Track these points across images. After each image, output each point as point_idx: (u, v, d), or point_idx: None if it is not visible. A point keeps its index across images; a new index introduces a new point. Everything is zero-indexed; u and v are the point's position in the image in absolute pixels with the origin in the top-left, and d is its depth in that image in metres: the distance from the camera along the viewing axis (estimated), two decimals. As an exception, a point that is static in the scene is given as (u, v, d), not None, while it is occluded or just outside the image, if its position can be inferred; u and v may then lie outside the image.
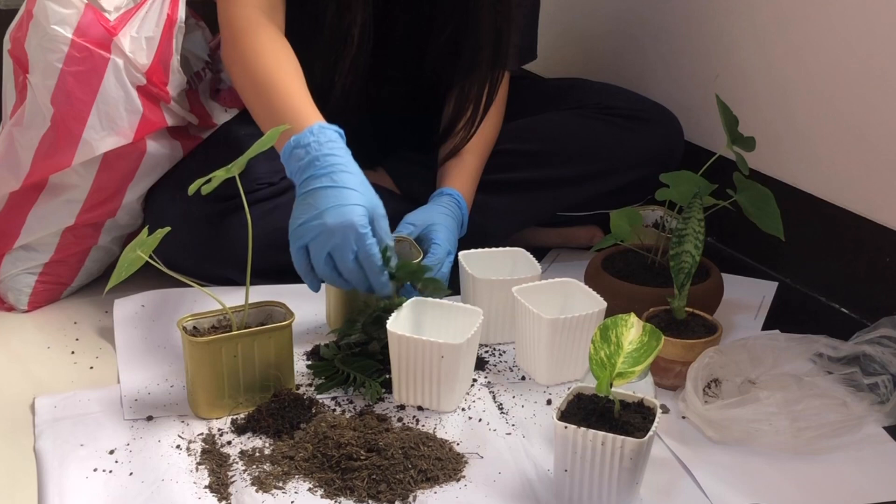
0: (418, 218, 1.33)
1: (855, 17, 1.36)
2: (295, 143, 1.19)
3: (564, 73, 1.86)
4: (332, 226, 1.14)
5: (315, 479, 0.99)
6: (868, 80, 1.35)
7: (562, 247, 1.61)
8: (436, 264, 1.26)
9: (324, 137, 1.20)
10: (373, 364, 1.17)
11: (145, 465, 1.02)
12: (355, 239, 1.14)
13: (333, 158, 1.19)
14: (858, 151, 1.38)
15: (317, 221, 1.15)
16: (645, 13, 1.80)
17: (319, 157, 1.19)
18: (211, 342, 1.07)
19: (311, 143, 1.19)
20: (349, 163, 1.19)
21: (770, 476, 1.04)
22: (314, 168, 1.18)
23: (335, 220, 1.14)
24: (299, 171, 1.19)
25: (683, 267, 1.19)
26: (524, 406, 1.15)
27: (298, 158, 1.19)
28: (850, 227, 1.39)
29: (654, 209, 1.57)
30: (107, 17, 1.26)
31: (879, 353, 1.19)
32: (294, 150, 1.19)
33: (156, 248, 1.04)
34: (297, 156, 1.19)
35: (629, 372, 0.95)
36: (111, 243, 1.41)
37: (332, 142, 1.20)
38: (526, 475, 1.02)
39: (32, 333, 1.31)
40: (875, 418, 1.13)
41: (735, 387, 1.16)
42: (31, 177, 1.29)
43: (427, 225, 1.31)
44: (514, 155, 1.51)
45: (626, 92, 1.63)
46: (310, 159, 1.18)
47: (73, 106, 1.25)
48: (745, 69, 1.56)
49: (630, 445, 0.92)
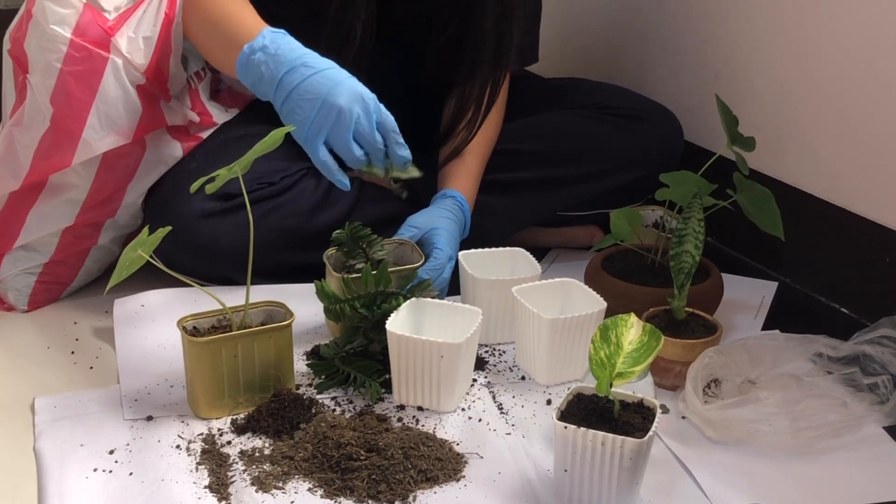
0: (421, 221, 1.33)
1: (855, 17, 1.36)
2: (249, 50, 1.18)
3: (564, 73, 1.86)
4: (345, 104, 1.13)
5: (315, 479, 0.99)
6: (868, 79, 1.35)
7: (562, 247, 1.61)
8: (437, 269, 1.26)
9: (277, 38, 1.18)
10: (373, 364, 1.17)
11: (145, 465, 1.02)
12: (373, 105, 1.15)
13: (297, 51, 1.17)
14: (858, 151, 1.38)
15: (326, 107, 1.13)
16: (645, 13, 1.80)
17: (282, 53, 1.17)
18: (211, 342, 1.07)
19: (268, 45, 1.18)
20: (313, 52, 1.18)
21: (770, 476, 1.04)
22: (284, 64, 1.16)
23: (345, 97, 1.14)
24: (266, 74, 1.17)
25: (683, 267, 1.19)
26: (524, 406, 1.15)
27: (258, 64, 1.17)
28: (850, 227, 1.39)
29: (654, 209, 1.57)
30: (105, 16, 1.26)
31: (879, 353, 1.19)
32: (250, 56, 1.18)
33: (156, 247, 1.04)
34: (255, 62, 1.17)
35: (629, 372, 0.95)
36: (111, 243, 1.41)
37: (287, 38, 1.19)
38: (526, 475, 1.02)
39: (32, 333, 1.31)
40: (875, 418, 1.13)
41: (735, 387, 1.16)
42: (30, 177, 1.29)
43: (429, 229, 1.31)
44: (514, 155, 1.51)
45: (626, 92, 1.63)
46: (272, 59, 1.16)
47: (73, 106, 1.25)
48: (745, 69, 1.56)
49: (630, 445, 0.92)
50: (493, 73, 1.44)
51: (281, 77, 1.16)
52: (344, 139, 1.15)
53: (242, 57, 1.18)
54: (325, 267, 1.26)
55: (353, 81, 1.16)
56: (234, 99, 1.48)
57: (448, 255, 1.29)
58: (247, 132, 1.39)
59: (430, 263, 1.26)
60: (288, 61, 1.17)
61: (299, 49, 1.20)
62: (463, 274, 1.28)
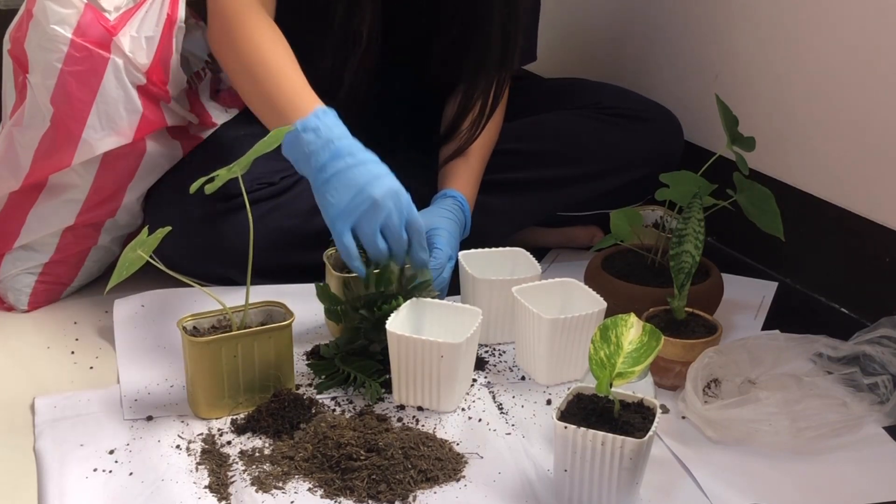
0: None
1: (855, 18, 1.36)
2: (302, 128, 1.18)
3: (564, 73, 1.86)
4: (379, 197, 1.14)
5: (315, 479, 0.99)
6: (868, 79, 1.35)
7: (562, 247, 1.61)
8: (437, 269, 1.26)
9: (330, 121, 1.19)
10: (373, 364, 1.17)
11: (145, 465, 1.02)
12: (405, 204, 1.16)
13: (345, 141, 1.19)
14: (858, 151, 1.38)
15: (362, 196, 1.14)
16: (645, 13, 1.80)
17: (333, 139, 1.18)
18: (211, 342, 1.07)
19: (320, 127, 1.19)
20: (359, 143, 1.20)
21: (770, 476, 1.04)
22: (331, 150, 1.17)
23: (382, 192, 1.15)
24: (311, 155, 1.18)
25: (683, 267, 1.19)
26: (524, 406, 1.15)
27: (308, 143, 1.18)
28: (850, 227, 1.39)
29: (654, 209, 1.57)
30: (106, 16, 1.26)
31: (879, 353, 1.19)
32: (301, 134, 1.18)
33: (156, 248, 1.04)
34: (305, 140, 1.18)
35: (629, 372, 0.95)
36: (111, 243, 1.41)
37: (338, 123, 1.20)
38: (526, 475, 1.02)
39: (32, 333, 1.31)
40: (875, 418, 1.13)
41: (735, 387, 1.16)
42: (30, 177, 1.29)
43: (430, 229, 1.31)
44: (514, 155, 1.51)
45: (626, 92, 1.63)
46: (322, 142, 1.17)
47: (73, 106, 1.25)
48: (745, 69, 1.56)
49: (630, 445, 0.92)
50: (498, 73, 1.43)
51: (325, 162, 1.18)
52: (371, 229, 1.16)
53: (293, 134, 1.19)
54: (325, 267, 1.26)
55: (391, 178, 1.18)
56: (234, 99, 1.48)
57: (448, 255, 1.29)
58: (247, 132, 1.39)
59: (430, 263, 1.26)
60: (335, 149, 1.18)
61: (348, 138, 1.20)
62: (463, 274, 1.28)
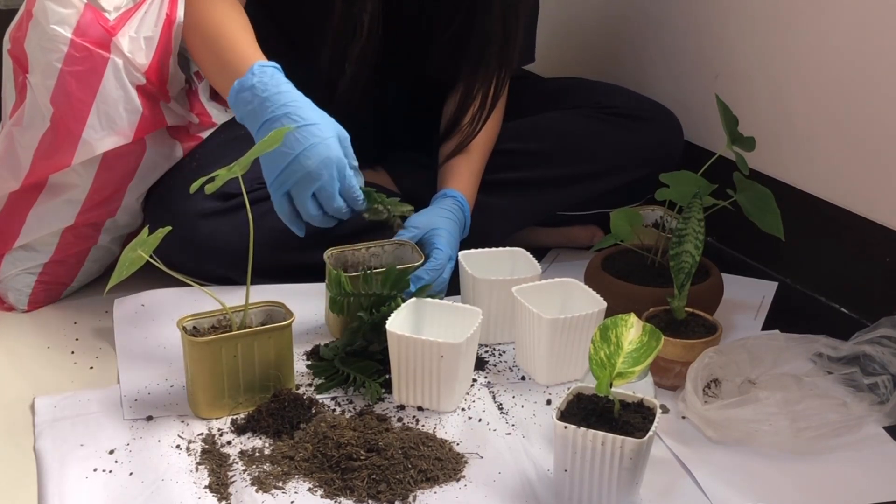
0: (420, 221, 1.32)
1: (855, 18, 1.36)
2: (239, 87, 1.19)
3: (564, 73, 1.86)
4: (312, 167, 1.15)
5: (315, 479, 0.99)
6: (868, 79, 1.35)
7: (562, 247, 1.61)
8: (437, 269, 1.26)
9: (266, 76, 1.19)
10: (373, 364, 1.17)
11: (145, 465, 1.02)
12: (338, 174, 1.16)
13: (283, 97, 1.18)
14: (858, 151, 1.38)
15: (295, 165, 1.15)
16: (645, 13, 1.80)
17: (269, 97, 1.18)
18: (211, 342, 1.07)
19: (256, 85, 1.19)
20: (299, 96, 1.19)
21: (770, 476, 1.04)
22: (267, 111, 1.17)
23: (315, 161, 1.15)
24: (251, 115, 1.18)
25: (683, 267, 1.19)
26: (524, 406, 1.15)
27: (246, 102, 1.18)
28: (850, 227, 1.39)
29: (654, 209, 1.57)
30: (106, 16, 1.26)
31: (879, 353, 1.19)
32: (239, 94, 1.19)
33: (156, 248, 1.04)
34: (243, 100, 1.19)
35: (629, 372, 0.95)
36: (111, 243, 1.41)
37: (276, 78, 1.20)
38: (526, 475, 1.02)
39: (32, 333, 1.31)
40: (875, 418, 1.13)
41: (735, 387, 1.16)
42: (30, 177, 1.29)
43: (430, 229, 1.31)
44: (514, 155, 1.51)
45: (626, 91, 1.63)
46: (258, 102, 1.18)
47: (73, 106, 1.25)
48: (745, 69, 1.56)
49: (630, 445, 0.92)
50: (498, 67, 1.43)
51: (262, 122, 1.19)
52: (302, 198, 1.18)
53: (232, 92, 1.21)
54: (326, 266, 1.26)
55: (330, 143, 1.17)
56: (234, 99, 1.48)
57: (448, 256, 1.29)
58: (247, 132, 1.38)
59: (429, 264, 1.26)
60: (272, 107, 1.18)
61: (287, 94, 1.19)
62: (463, 274, 1.28)
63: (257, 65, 1.21)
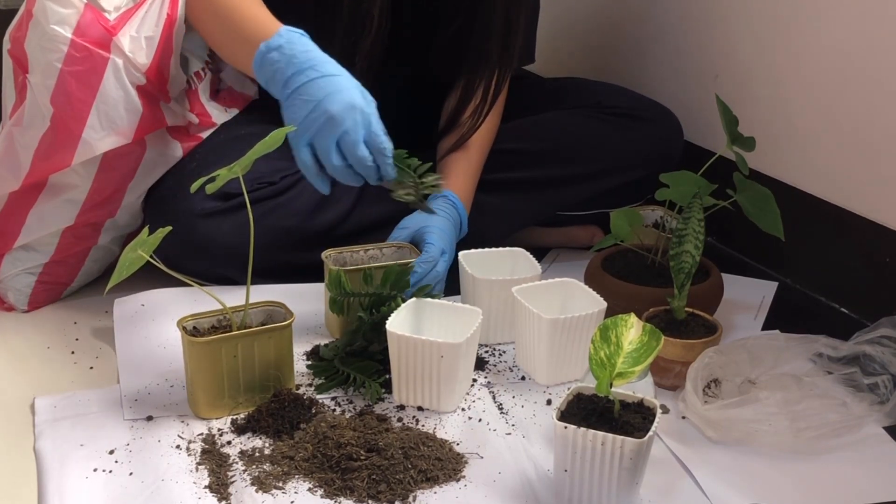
0: (412, 221, 1.33)
1: (855, 18, 1.36)
2: (266, 49, 1.19)
3: (564, 73, 1.86)
4: (336, 112, 1.14)
5: (315, 479, 0.99)
6: (868, 80, 1.35)
7: (562, 247, 1.61)
8: (429, 261, 1.26)
9: (294, 38, 1.20)
10: (373, 364, 1.17)
11: (145, 465, 1.02)
12: (363, 120, 1.15)
13: (310, 54, 1.18)
14: (858, 151, 1.38)
15: (318, 111, 1.14)
16: (645, 13, 1.80)
17: (296, 54, 1.18)
18: (211, 342, 1.07)
19: (283, 45, 1.19)
20: (326, 57, 1.20)
21: (770, 476, 1.04)
22: (294, 66, 1.17)
23: (339, 106, 1.14)
24: (278, 73, 1.18)
25: (683, 267, 1.19)
26: (524, 406, 1.15)
27: (272, 62, 1.19)
28: (850, 226, 1.39)
29: (654, 209, 1.57)
30: (106, 16, 1.26)
31: (879, 353, 1.19)
32: (266, 55, 1.19)
33: (156, 248, 1.04)
34: (270, 60, 1.19)
35: (629, 372, 0.95)
36: (111, 243, 1.41)
37: (303, 40, 1.20)
38: (526, 475, 1.02)
39: (32, 333, 1.31)
40: (875, 418, 1.13)
41: (735, 387, 1.16)
42: (30, 177, 1.29)
43: (420, 227, 1.31)
44: (514, 154, 1.51)
45: (626, 91, 1.63)
46: (286, 59, 1.18)
47: (73, 106, 1.25)
48: (745, 69, 1.56)
49: (630, 445, 0.92)
50: (499, 62, 1.43)
51: (288, 77, 1.18)
52: (325, 145, 1.16)
53: (259, 55, 1.20)
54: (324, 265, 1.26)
55: (354, 92, 1.17)
56: (233, 99, 1.48)
57: (439, 249, 1.28)
58: (247, 132, 1.39)
59: (421, 258, 1.26)
60: (299, 62, 1.18)
61: (314, 52, 1.21)
62: (463, 274, 1.28)
63: (284, 28, 1.22)
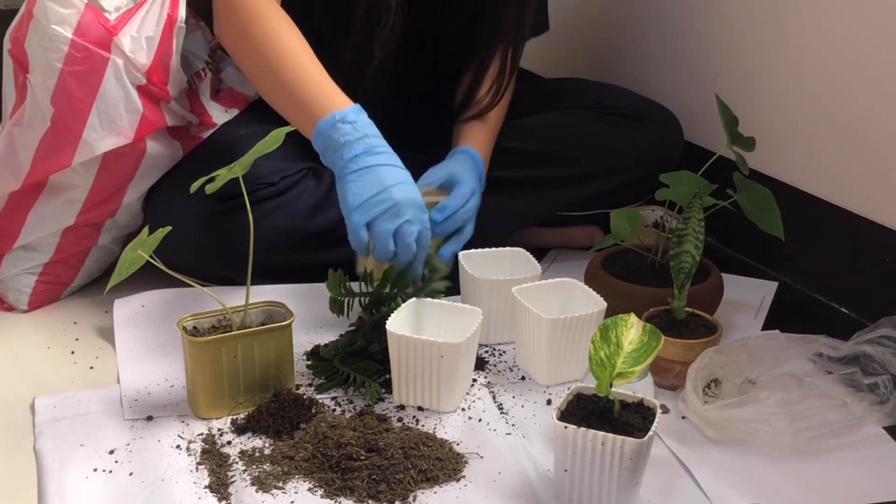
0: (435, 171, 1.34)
1: (855, 18, 1.36)
2: (341, 118, 1.20)
3: (564, 73, 1.86)
4: (402, 202, 1.17)
5: (315, 479, 0.99)
6: (868, 80, 1.35)
7: (562, 247, 1.61)
8: (462, 196, 1.28)
9: (366, 119, 1.22)
10: (373, 364, 1.17)
11: (145, 465, 1.02)
12: (425, 220, 1.19)
13: (382, 141, 1.21)
14: (858, 151, 1.38)
15: (386, 195, 1.17)
16: (645, 13, 1.80)
17: (369, 135, 1.20)
18: (211, 342, 1.07)
19: (358, 122, 1.21)
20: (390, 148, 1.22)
21: (770, 476, 1.04)
22: (365, 145, 1.19)
23: (406, 197, 1.18)
24: (346, 145, 1.20)
25: (683, 267, 1.19)
26: (524, 406, 1.15)
27: (344, 133, 1.20)
28: (850, 226, 1.39)
29: (654, 209, 1.57)
30: (107, 16, 1.26)
31: (879, 353, 1.19)
32: (338, 124, 1.20)
33: (156, 248, 1.04)
34: (342, 130, 1.20)
35: (629, 372, 0.95)
36: (111, 243, 1.41)
37: (373, 124, 1.22)
38: (526, 475, 1.02)
39: (32, 333, 1.31)
40: (875, 418, 1.13)
41: (735, 387, 1.16)
42: (31, 177, 1.29)
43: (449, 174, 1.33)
44: (514, 154, 1.51)
45: (626, 92, 1.63)
46: (359, 136, 1.19)
47: (73, 106, 1.25)
48: (745, 69, 1.56)
49: (630, 445, 0.92)
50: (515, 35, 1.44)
51: (358, 154, 1.20)
52: (386, 228, 1.19)
53: (328, 122, 1.21)
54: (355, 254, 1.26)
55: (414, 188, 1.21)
56: (234, 99, 1.48)
57: (472, 189, 1.30)
58: (247, 132, 1.39)
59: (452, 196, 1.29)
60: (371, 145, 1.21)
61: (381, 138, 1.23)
62: (463, 274, 1.28)
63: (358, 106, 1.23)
